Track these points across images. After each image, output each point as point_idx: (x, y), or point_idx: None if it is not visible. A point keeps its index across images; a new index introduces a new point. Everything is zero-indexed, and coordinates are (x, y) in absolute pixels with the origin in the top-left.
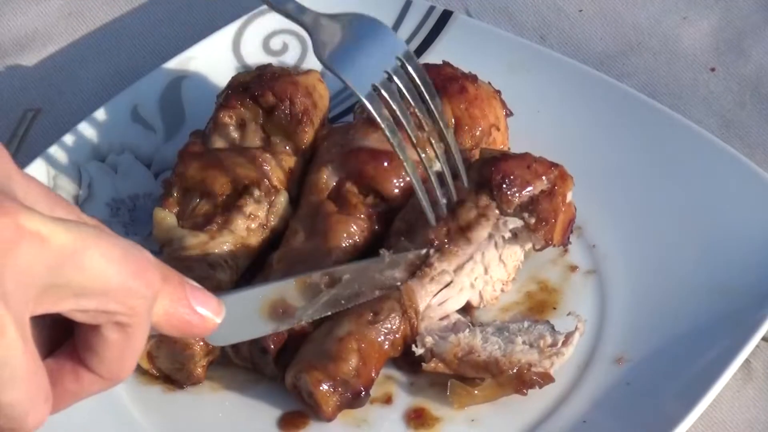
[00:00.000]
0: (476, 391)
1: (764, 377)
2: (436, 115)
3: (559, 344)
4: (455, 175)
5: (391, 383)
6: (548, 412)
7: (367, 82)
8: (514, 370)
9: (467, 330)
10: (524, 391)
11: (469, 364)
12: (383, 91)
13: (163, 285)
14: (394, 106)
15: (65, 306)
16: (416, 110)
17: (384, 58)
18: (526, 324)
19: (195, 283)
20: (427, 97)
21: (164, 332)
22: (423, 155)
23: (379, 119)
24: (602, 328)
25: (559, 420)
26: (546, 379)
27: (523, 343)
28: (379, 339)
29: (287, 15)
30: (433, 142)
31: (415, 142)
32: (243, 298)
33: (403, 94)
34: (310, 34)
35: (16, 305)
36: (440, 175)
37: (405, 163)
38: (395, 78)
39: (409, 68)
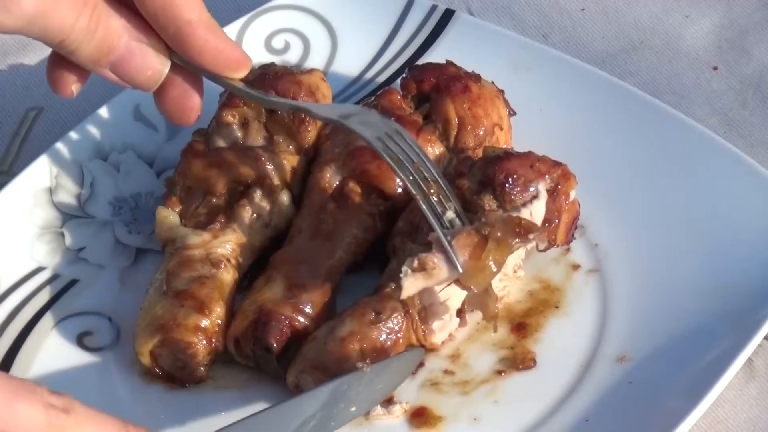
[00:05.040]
0: (487, 259)
1: (767, 376)
2: (432, 164)
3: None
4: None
5: None
6: (550, 411)
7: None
8: (503, 219)
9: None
10: (527, 236)
11: (459, 246)
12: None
13: None
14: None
15: None
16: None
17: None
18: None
19: None
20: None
21: None
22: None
23: (387, 158)
24: (604, 326)
25: (562, 418)
26: (534, 228)
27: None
28: (381, 338)
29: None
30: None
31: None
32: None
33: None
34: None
35: None
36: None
37: (415, 190)
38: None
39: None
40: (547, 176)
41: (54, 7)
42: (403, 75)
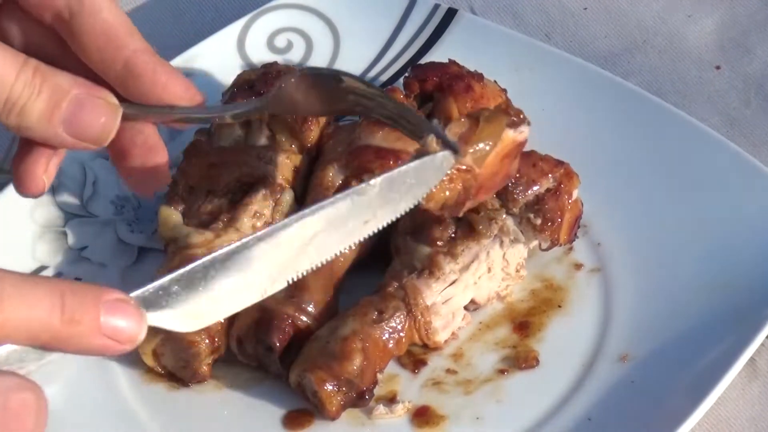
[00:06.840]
0: (481, 135)
1: None
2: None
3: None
4: None
5: (395, 381)
6: (553, 410)
7: None
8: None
9: None
10: (518, 115)
11: (452, 134)
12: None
13: None
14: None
15: None
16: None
17: None
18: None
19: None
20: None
21: None
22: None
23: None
24: (607, 325)
25: (564, 418)
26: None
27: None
28: (384, 338)
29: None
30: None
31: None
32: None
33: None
34: None
35: None
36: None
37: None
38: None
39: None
40: (549, 175)
41: None
42: (406, 74)
